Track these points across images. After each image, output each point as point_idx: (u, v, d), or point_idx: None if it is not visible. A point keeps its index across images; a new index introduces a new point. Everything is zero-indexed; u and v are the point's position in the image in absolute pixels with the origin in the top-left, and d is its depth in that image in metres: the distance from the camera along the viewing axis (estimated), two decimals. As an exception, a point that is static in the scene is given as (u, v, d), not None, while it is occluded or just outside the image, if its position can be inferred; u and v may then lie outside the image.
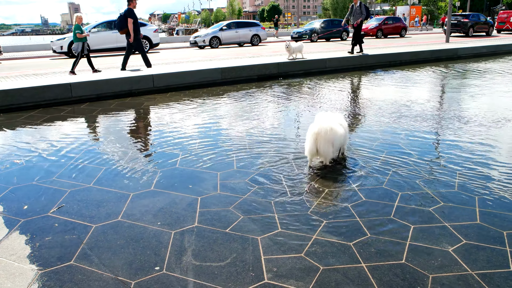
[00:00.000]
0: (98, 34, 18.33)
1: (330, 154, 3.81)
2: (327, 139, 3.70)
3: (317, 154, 3.84)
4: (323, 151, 3.75)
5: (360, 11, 12.82)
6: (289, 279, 2.26)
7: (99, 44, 18.15)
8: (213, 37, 23.34)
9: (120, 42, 18.47)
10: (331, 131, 3.71)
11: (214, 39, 23.33)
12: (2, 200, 3.41)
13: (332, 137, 3.72)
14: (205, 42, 23.15)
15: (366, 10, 12.98)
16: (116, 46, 18.67)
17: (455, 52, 14.84)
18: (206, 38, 23.29)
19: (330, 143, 3.74)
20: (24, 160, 4.43)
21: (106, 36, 18.51)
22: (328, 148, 3.74)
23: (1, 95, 7.27)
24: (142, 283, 2.26)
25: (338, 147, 3.96)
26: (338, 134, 3.80)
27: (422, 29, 42.13)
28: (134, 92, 8.66)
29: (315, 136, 3.71)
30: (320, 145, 3.72)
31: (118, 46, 18.66)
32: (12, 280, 2.32)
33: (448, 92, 8.32)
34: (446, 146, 4.55)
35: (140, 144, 4.96)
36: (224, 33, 23.72)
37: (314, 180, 3.65)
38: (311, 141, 3.75)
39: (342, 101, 7.29)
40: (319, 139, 3.70)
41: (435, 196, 3.26)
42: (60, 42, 17.82)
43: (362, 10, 12.81)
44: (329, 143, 3.72)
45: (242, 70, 10.39)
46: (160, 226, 2.90)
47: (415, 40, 23.04)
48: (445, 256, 2.46)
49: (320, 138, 3.69)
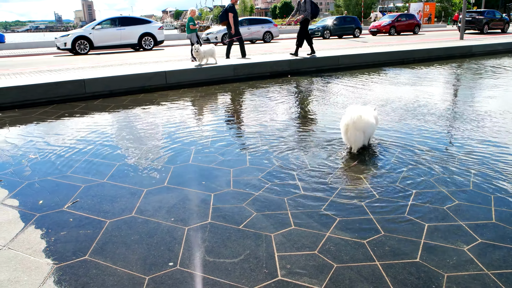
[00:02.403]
0: (101, 31, 18.26)
1: (360, 142, 4.13)
2: (357, 128, 4.02)
3: (350, 142, 4.17)
4: (354, 139, 4.09)
5: (304, 7, 11.35)
6: (303, 276, 2.26)
7: (103, 41, 18.15)
8: (225, 34, 23.18)
9: (124, 39, 18.50)
10: (361, 119, 4.01)
11: (226, 36, 23.27)
12: (18, 195, 3.45)
13: (363, 125, 4.03)
14: (217, 39, 23.15)
15: (312, 7, 11.43)
16: (120, 43, 18.59)
17: (469, 49, 14.66)
18: (219, 35, 23.28)
19: (361, 131, 4.06)
20: (39, 155, 4.48)
21: (110, 33, 18.43)
22: (360, 137, 4.07)
23: (16, 91, 7.36)
24: (156, 279, 2.27)
25: (368, 136, 4.27)
26: (370, 123, 4.11)
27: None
28: (147, 89, 8.71)
29: (346, 126, 4.06)
30: (351, 134, 4.05)
31: (123, 43, 18.58)
32: (28, 273, 2.35)
33: (463, 90, 8.22)
34: (460, 144, 4.49)
35: (153, 140, 4.98)
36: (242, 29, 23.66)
37: (327, 177, 3.63)
38: (343, 130, 4.12)
39: (354, 98, 7.24)
40: (349, 128, 4.04)
41: (450, 195, 3.22)
42: (63, 39, 17.76)
43: (306, 7, 11.33)
44: (360, 132, 4.05)
45: (254, 67, 10.38)
46: (174, 222, 2.91)
47: (429, 37, 22.81)
48: (460, 255, 2.43)
49: (350, 127, 4.02)
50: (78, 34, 17.91)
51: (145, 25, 19.38)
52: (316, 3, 11.71)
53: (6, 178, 3.84)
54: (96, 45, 18.02)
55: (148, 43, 19.33)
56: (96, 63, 11.20)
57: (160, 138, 5.05)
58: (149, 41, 19.36)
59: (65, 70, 10.46)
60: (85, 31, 18.14)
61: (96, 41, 17.96)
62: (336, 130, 5.10)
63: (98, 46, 18.11)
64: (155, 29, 19.57)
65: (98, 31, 18.09)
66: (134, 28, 18.97)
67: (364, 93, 7.81)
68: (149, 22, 19.77)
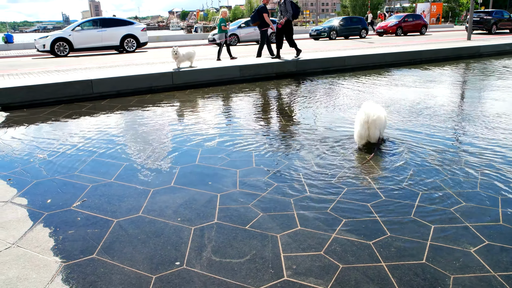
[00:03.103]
0: (81, 33, 17.86)
1: (377, 137, 4.43)
2: (375, 125, 4.35)
3: (368, 138, 4.42)
4: (373, 134, 4.39)
5: (285, 8, 10.90)
6: (309, 277, 2.27)
7: (83, 43, 17.76)
8: (231, 35, 23.15)
9: (105, 41, 17.99)
10: (379, 118, 4.36)
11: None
12: (27, 194, 3.49)
13: (379, 123, 4.38)
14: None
15: (293, 7, 11.02)
16: (102, 45, 18.15)
17: (477, 50, 14.58)
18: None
19: (378, 128, 4.40)
20: (47, 155, 4.52)
21: (91, 34, 18.05)
22: (376, 132, 4.40)
23: (25, 91, 7.43)
24: (163, 278, 2.29)
25: (382, 131, 4.57)
26: (383, 119, 4.45)
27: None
28: (153, 89, 8.75)
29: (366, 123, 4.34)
30: (371, 130, 4.37)
31: (104, 45, 18.11)
32: (37, 271, 2.37)
33: (470, 90, 8.18)
34: (467, 146, 4.47)
35: (160, 140, 5.01)
36: (242, 31, 23.62)
37: (333, 178, 3.63)
38: (362, 127, 4.37)
39: (362, 99, 7.23)
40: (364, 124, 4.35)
41: (457, 196, 3.21)
42: (42, 41, 17.38)
43: (287, 7, 10.89)
44: (376, 129, 4.38)
45: (261, 68, 10.40)
46: (180, 222, 2.93)
47: (436, 38, 22.71)
48: (466, 256, 2.43)
49: (370, 124, 4.33)
50: (57, 36, 17.53)
51: (127, 27, 18.98)
52: (296, 3, 11.50)
53: (15, 177, 3.88)
54: (76, 47, 17.66)
55: (130, 45, 18.98)
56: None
57: (167, 139, 5.08)
58: (132, 43, 19.01)
59: (72, 70, 10.53)
60: (64, 33, 17.74)
61: (76, 43, 17.59)
62: (342, 131, 5.10)
63: (78, 48, 17.74)
64: (137, 31, 19.18)
65: (78, 32, 17.73)
66: (115, 29, 18.59)
67: (371, 93, 7.79)
68: (132, 24, 19.41)
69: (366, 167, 3.89)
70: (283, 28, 11.09)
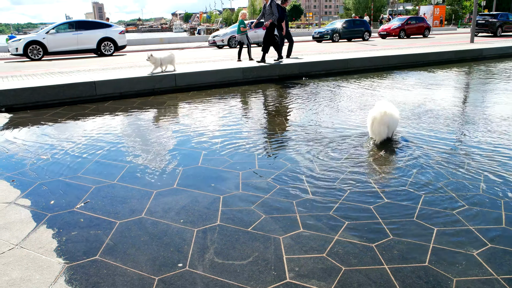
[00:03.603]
0: (56, 35, 16.95)
1: (383, 135, 4.57)
2: (382, 122, 4.45)
3: (380, 135, 4.55)
4: (378, 131, 4.53)
5: (271, 11, 10.71)
6: (311, 279, 2.27)
7: (57, 46, 16.93)
8: (232, 37, 23.10)
9: (81, 44, 17.31)
10: (386, 115, 4.44)
11: (233, 38, 23.07)
12: (30, 195, 3.50)
13: (387, 120, 4.47)
14: (224, 42, 23.00)
15: (279, 10, 10.85)
16: (77, 48, 17.43)
17: (480, 52, 14.57)
18: (225, 38, 23.10)
19: (386, 125, 4.49)
20: (50, 156, 4.54)
21: (66, 37, 17.14)
22: (384, 130, 4.52)
23: (28, 92, 7.46)
24: (166, 279, 2.30)
25: (392, 130, 4.70)
26: (394, 117, 4.57)
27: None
28: (156, 91, 8.77)
29: (372, 119, 4.51)
30: (375, 127, 4.50)
31: (80, 48, 17.43)
32: (40, 272, 2.38)
33: (474, 93, 8.18)
34: (471, 148, 4.47)
35: (163, 142, 5.02)
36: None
37: (336, 180, 3.64)
38: (370, 123, 4.57)
39: (364, 101, 7.23)
40: (374, 122, 4.49)
41: (460, 199, 3.21)
42: (15, 44, 16.68)
43: (273, 10, 10.69)
44: (384, 125, 4.48)
45: (264, 70, 10.41)
46: (183, 223, 2.93)
47: (439, 41, 22.68)
48: (469, 259, 2.42)
49: (375, 121, 4.47)
50: (30, 39, 16.81)
51: (104, 29, 18.11)
52: (282, 7, 11.28)
53: (18, 178, 3.89)
54: (51, 50, 16.89)
55: (108, 49, 18.11)
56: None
57: (170, 140, 5.09)
58: (109, 46, 18.14)
59: (76, 72, 10.57)
60: (38, 36, 16.96)
61: (51, 46, 16.81)
62: (345, 133, 5.10)
63: (53, 51, 16.98)
64: (115, 34, 18.32)
65: (53, 35, 16.87)
66: (92, 32, 17.74)
67: (373, 95, 7.79)
68: (109, 26, 18.60)
69: (369, 170, 3.89)
70: (267, 30, 10.93)
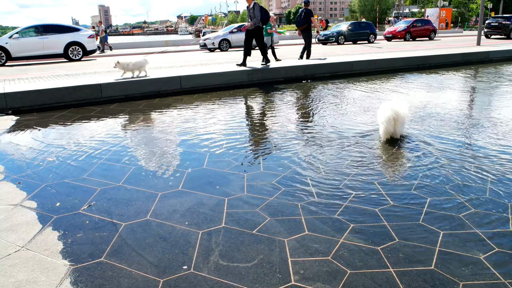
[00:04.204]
0: (20, 40, 16.37)
1: (401, 132, 4.92)
2: (397, 120, 4.70)
3: (393, 134, 4.81)
4: (399, 130, 4.81)
5: (253, 13, 10.37)
6: (316, 282, 2.26)
7: (22, 51, 16.30)
8: (222, 40, 22.53)
9: (48, 49, 16.71)
10: (404, 114, 4.76)
11: (224, 41, 22.56)
12: (36, 197, 3.52)
13: (404, 119, 4.79)
14: (215, 45, 22.41)
15: (261, 13, 10.46)
16: (43, 53, 16.78)
17: (486, 55, 14.49)
18: (216, 41, 22.50)
19: (403, 124, 4.84)
20: (56, 158, 4.56)
21: (31, 42, 16.55)
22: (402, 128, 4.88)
23: (35, 95, 7.51)
24: (171, 282, 2.30)
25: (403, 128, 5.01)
26: (407, 116, 4.90)
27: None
28: (161, 93, 8.80)
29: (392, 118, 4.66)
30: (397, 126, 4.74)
31: (46, 53, 16.83)
32: (46, 274, 2.39)
33: (481, 96, 8.13)
34: (477, 151, 4.44)
35: (168, 144, 5.03)
36: (234, 36, 22.78)
37: (341, 183, 3.62)
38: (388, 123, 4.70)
39: (370, 103, 7.21)
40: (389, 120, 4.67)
41: (466, 202, 3.19)
42: None
43: (255, 13, 10.35)
44: (402, 124, 4.83)
45: (269, 72, 10.41)
46: (188, 226, 2.93)
47: (445, 43, 22.60)
48: (476, 263, 2.40)
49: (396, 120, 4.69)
50: None
51: (72, 33, 17.36)
52: (266, 9, 10.90)
53: (24, 181, 3.91)
54: (15, 55, 16.24)
55: (76, 53, 17.41)
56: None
57: (175, 143, 5.10)
58: (77, 51, 17.41)
59: (82, 74, 10.63)
60: (0, 41, 16.18)
61: (14, 51, 16.15)
62: (350, 135, 5.09)
63: (17, 56, 16.32)
64: (84, 38, 17.57)
65: (16, 40, 16.27)
66: (59, 36, 16.99)
67: (378, 98, 7.77)
68: (78, 30, 17.82)
69: (374, 172, 3.87)
70: (253, 34, 10.65)
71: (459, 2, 66.10)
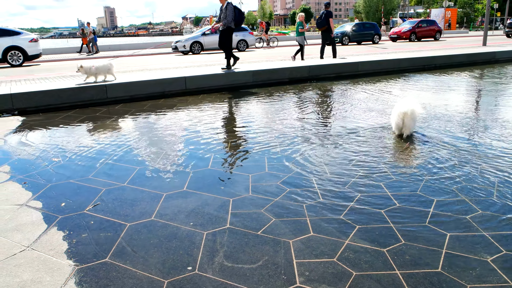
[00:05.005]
0: None
1: (412, 129, 5.05)
2: (412, 118, 4.88)
3: (403, 129, 4.94)
4: (408, 126, 4.91)
5: (225, 13, 9.83)
6: (322, 284, 2.24)
7: None
8: (194, 42, 21.77)
9: None
10: (414, 111, 4.87)
11: (196, 44, 21.76)
12: (41, 197, 3.52)
13: (416, 116, 4.93)
14: (186, 48, 21.67)
15: (234, 12, 9.86)
16: None
17: (493, 55, 14.42)
18: (187, 43, 21.78)
19: (414, 120, 4.95)
20: (61, 159, 4.57)
21: None
22: (413, 124, 4.97)
23: (41, 96, 7.54)
24: (175, 283, 2.29)
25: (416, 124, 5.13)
26: (418, 113, 4.99)
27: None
28: (166, 94, 8.81)
29: (403, 114, 4.84)
30: (407, 122, 4.87)
31: None
32: (51, 274, 2.39)
33: (487, 97, 8.08)
34: (483, 153, 4.40)
35: (173, 145, 5.03)
36: (207, 38, 21.84)
37: (346, 184, 3.60)
38: (399, 119, 4.89)
39: (376, 104, 7.18)
40: (405, 117, 4.84)
41: (473, 204, 3.16)
42: None
43: (228, 13, 9.78)
44: (413, 121, 4.92)
45: (274, 73, 10.41)
46: (193, 226, 2.93)
47: (450, 44, 22.50)
48: (483, 266, 2.38)
49: (407, 116, 4.83)
50: None
51: (11, 37, 16.38)
52: (240, 9, 10.18)
53: (30, 181, 3.92)
54: None
55: (16, 58, 16.47)
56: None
57: (180, 143, 5.09)
58: (17, 55, 16.46)
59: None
60: None
61: None
62: (357, 137, 5.07)
63: None
64: (25, 42, 16.58)
65: None
66: None
67: (383, 100, 7.73)
68: (18, 34, 16.79)
69: (379, 173, 3.85)
70: (223, 35, 10.06)
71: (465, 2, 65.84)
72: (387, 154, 4.42)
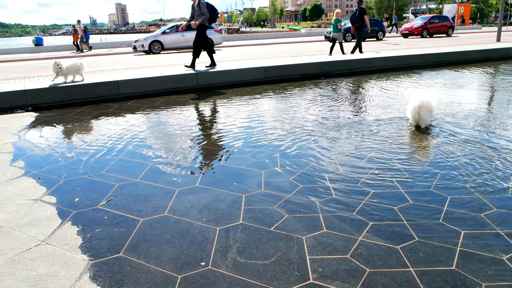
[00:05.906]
0: None
1: (428, 121, 5.16)
2: (427, 109, 5.00)
3: (420, 121, 5.09)
4: (424, 118, 5.04)
5: (200, 11, 9.58)
6: (335, 280, 2.24)
7: None
8: (154, 41, 21.32)
9: None
10: (431, 103, 5.00)
11: (155, 43, 21.31)
12: (56, 192, 3.56)
13: (431, 108, 5.07)
14: (144, 47, 21.21)
15: (208, 9, 9.66)
16: None
17: (507, 51, 14.19)
18: (146, 43, 21.33)
19: (430, 112, 5.09)
20: (75, 154, 4.61)
21: None
22: (429, 116, 5.11)
23: (54, 92, 7.61)
24: (188, 278, 2.30)
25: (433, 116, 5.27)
26: (435, 105, 5.13)
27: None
28: (178, 90, 8.84)
29: (418, 107, 4.96)
30: (422, 114, 5.00)
31: None
32: (65, 268, 2.42)
33: (501, 93, 7.96)
34: (497, 150, 4.35)
35: (185, 141, 5.04)
36: (168, 37, 21.47)
37: (359, 181, 3.59)
38: (415, 112, 5.03)
39: (387, 100, 7.12)
40: (421, 109, 4.97)
41: (488, 202, 3.12)
42: None
43: (202, 10, 9.55)
44: (429, 113, 5.06)
45: (285, 69, 10.38)
46: (206, 222, 2.94)
47: (463, 40, 22.22)
48: (499, 264, 2.35)
49: (422, 108, 4.96)
50: None
51: None
52: (213, 6, 9.95)
53: (44, 176, 3.96)
54: None
55: None
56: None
57: (192, 139, 5.11)
58: None
59: (99, 71, 10.73)
60: None
61: None
62: (368, 133, 5.04)
63: None
64: None
65: None
66: None
67: (396, 95, 7.67)
68: None
69: (392, 170, 3.82)
70: (199, 33, 9.77)
71: (478, -2, 64.95)
72: (400, 151, 4.38)
